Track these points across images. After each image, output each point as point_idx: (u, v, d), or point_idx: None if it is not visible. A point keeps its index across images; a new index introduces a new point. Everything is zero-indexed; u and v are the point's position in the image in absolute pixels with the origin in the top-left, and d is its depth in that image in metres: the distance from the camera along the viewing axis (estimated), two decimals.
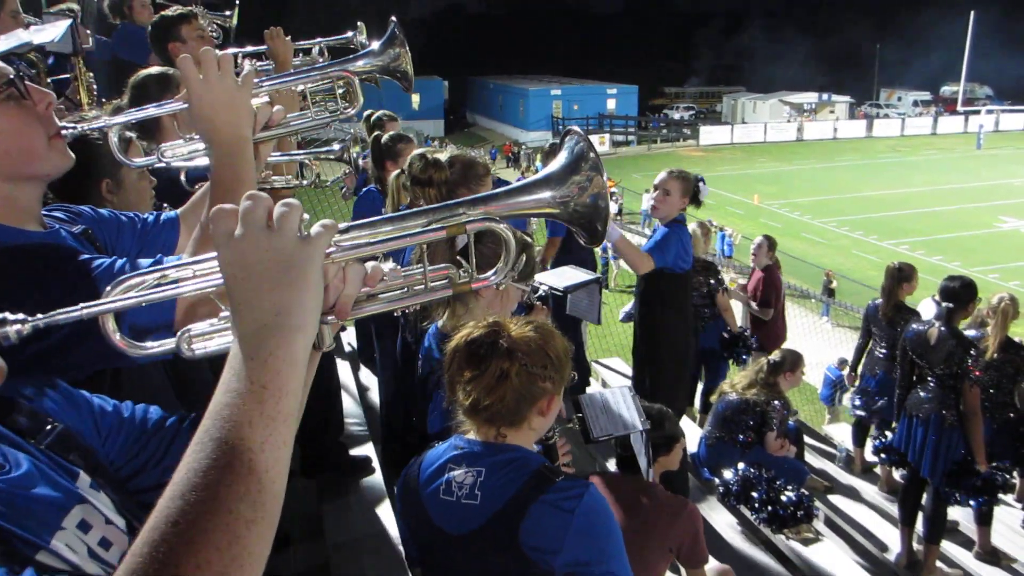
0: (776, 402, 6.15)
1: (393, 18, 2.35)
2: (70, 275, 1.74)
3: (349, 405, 5.74)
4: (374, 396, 6.33)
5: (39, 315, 1.17)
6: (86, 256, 1.81)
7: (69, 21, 3.74)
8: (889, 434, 6.65)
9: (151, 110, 2.07)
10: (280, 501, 0.96)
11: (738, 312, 8.69)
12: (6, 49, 2.78)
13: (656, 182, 5.65)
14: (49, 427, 1.35)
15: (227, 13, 5.23)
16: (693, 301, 6.74)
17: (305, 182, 3.15)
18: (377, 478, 4.77)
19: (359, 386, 6.58)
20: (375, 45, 2.31)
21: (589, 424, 3.24)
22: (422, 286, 1.28)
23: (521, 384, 2.20)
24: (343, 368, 6.35)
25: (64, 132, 1.84)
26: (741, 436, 6.15)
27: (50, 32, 3.53)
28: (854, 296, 18.91)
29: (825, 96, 65.41)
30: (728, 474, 6.06)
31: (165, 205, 3.09)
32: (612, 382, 8.27)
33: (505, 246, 1.28)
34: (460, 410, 2.31)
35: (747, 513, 5.98)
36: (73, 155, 1.89)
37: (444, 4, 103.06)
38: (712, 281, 7.79)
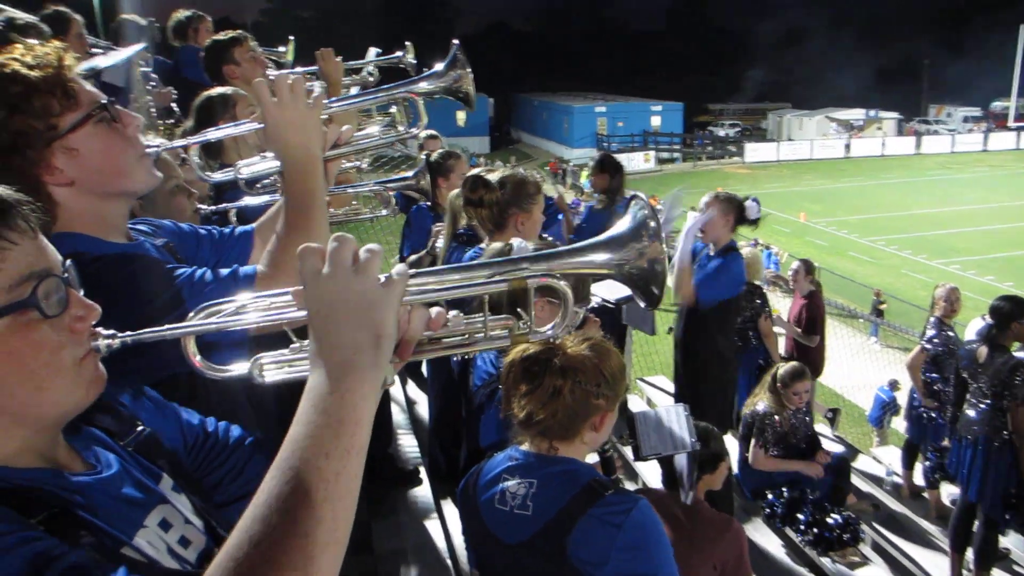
0: (775, 415, 6.15)
1: (455, 41, 2.44)
2: (155, 283, 1.85)
3: (397, 417, 5.82)
4: (421, 409, 6.40)
5: (128, 333, 1.27)
6: (170, 265, 1.94)
7: (130, 53, 3.89)
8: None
9: (229, 129, 2.21)
10: (350, 526, 1.04)
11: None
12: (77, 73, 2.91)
13: (701, 205, 5.66)
14: (138, 430, 1.44)
15: (282, 48, 5.39)
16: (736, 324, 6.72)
17: (385, 211, 3.26)
18: (425, 490, 4.83)
19: (407, 399, 6.66)
20: (439, 66, 2.40)
21: (640, 441, 3.27)
22: (482, 335, 1.36)
23: (574, 401, 2.25)
24: None
25: (149, 151, 1.96)
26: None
27: (113, 58, 3.69)
28: (903, 316, 18.59)
29: (873, 112, 64.41)
30: (771, 495, 6.02)
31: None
32: (657, 400, 8.24)
33: (564, 302, 1.36)
34: (515, 422, 2.37)
35: (792, 535, 5.93)
36: (159, 174, 2.02)
37: (489, 22, 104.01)
38: (757, 302, 7.72)
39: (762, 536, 6.01)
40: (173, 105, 5.31)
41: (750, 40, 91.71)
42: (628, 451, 5.10)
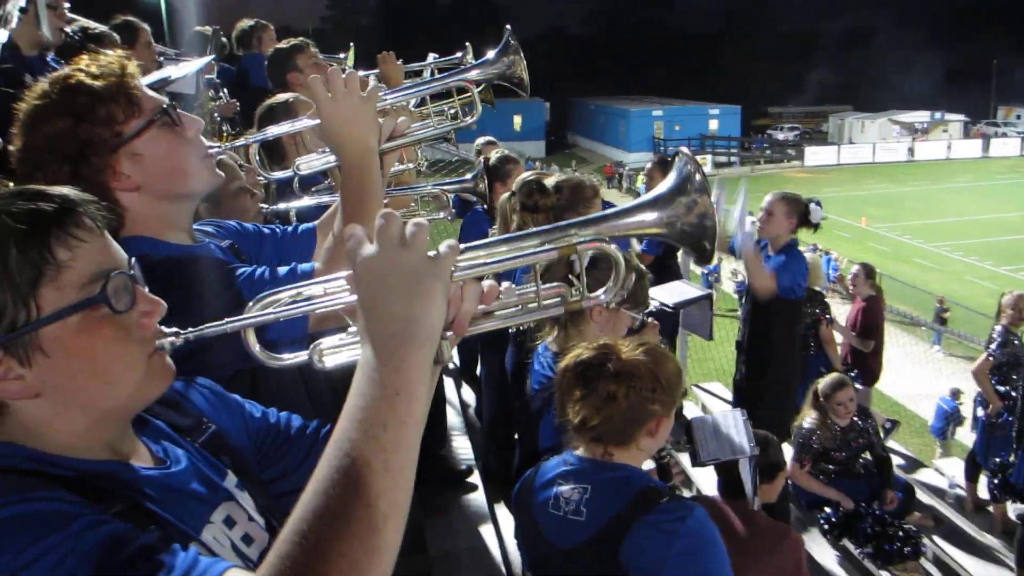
0: (816, 432, 6.08)
1: (508, 26, 2.45)
2: (217, 282, 1.91)
3: (451, 419, 5.85)
4: (475, 413, 6.43)
5: (190, 329, 1.30)
6: (231, 266, 1.99)
7: (200, 64, 4.01)
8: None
9: (285, 127, 2.26)
10: (409, 499, 1.04)
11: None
12: (148, 84, 3.01)
13: (763, 205, 5.59)
14: (204, 426, 1.48)
15: (342, 55, 5.47)
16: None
17: (442, 214, 3.29)
18: (479, 493, 4.85)
19: (461, 402, 6.70)
20: (490, 54, 2.42)
21: (698, 447, 3.24)
22: (535, 304, 1.34)
23: (629, 406, 2.24)
24: (447, 384, 6.48)
25: (211, 152, 2.02)
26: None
27: (184, 69, 3.80)
28: (968, 325, 18.04)
29: (938, 115, 62.74)
30: (829, 507, 5.91)
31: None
32: (712, 407, 8.15)
33: (615, 266, 1.34)
34: (569, 428, 2.36)
35: (851, 547, 5.81)
36: (222, 173, 2.08)
37: (546, 26, 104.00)
38: (817, 310, 7.55)
39: (818, 547, 5.90)
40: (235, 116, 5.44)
41: (812, 42, 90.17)
42: (683, 457, 5.06)
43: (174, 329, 1.29)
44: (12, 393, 1.16)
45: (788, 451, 7.00)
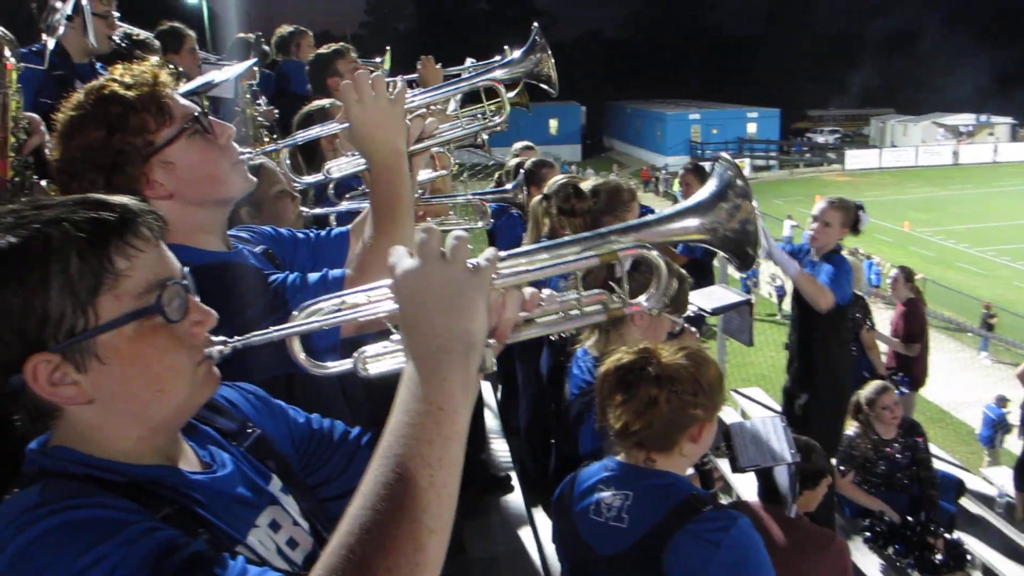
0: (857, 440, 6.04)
1: (535, 24, 2.44)
2: (252, 290, 1.92)
3: (490, 423, 5.85)
4: (512, 416, 6.42)
5: (237, 337, 1.32)
6: (265, 272, 2.01)
7: (241, 69, 4.06)
8: None
9: (315, 131, 2.27)
10: (453, 513, 1.05)
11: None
12: (191, 89, 3.06)
13: (815, 213, 5.52)
14: (249, 431, 1.49)
15: (379, 59, 5.51)
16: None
17: (480, 224, 3.29)
18: (517, 497, 4.84)
19: (499, 405, 6.69)
20: (516, 53, 2.40)
21: (737, 453, 3.20)
22: (577, 311, 1.34)
23: (671, 411, 2.21)
24: (484, 387, 6.49)
25: (242, 158, 2.03)
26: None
27: (226, 73, 3.85)
28: (1016, 331, 17.68)
29: (984, 117, 61.41)
30: (874, 516, 5.82)
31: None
32: (752, 412, 8.06)
33: (657, 272, 1.34)
34: (610, 433, 2.34)
35: (894, 556, 5.70)
36: (254, 179, 2.08)
37: (582, 30, 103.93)
38: (858, 315, 7.42)
39: (862, 556, 5.80)
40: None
41: (854, 43, 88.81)
42: (721, 463, 5.00)
43: (222, 338, 1.31)
44: (67, 398, 1.18)
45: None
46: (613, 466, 2.36)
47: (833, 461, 5.94)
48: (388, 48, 6.29)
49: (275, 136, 5.24)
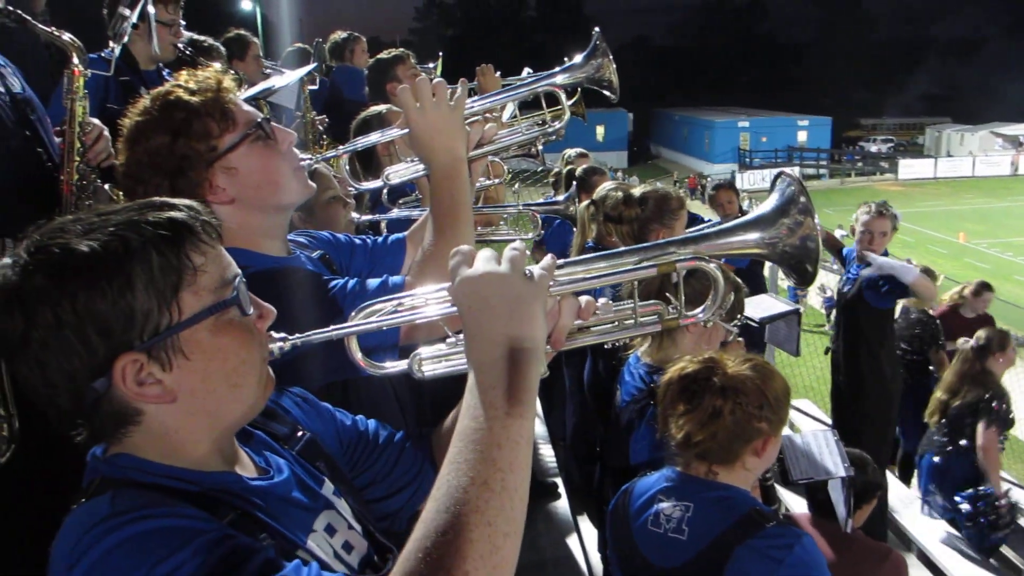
0: (987, 395, 5.83)
1: (596, 29, 2.43)
2: (312, 295, 1.94)
3: (536, 429, 5.84)
4: (555, 422, 6.42)
5: (297, 335, 1.34)
6: (324, 277, 2.02)
7: (302, 74, 4.14)
8: None
9: (374, 137, 2.28)
10: (524, 516, 1.06)
11: None
12: (252, 94, 3.13)
13: (863, 226, 5.47)
14: (299, 435, 1.51)
15: (431, 65, 5.56)
16: (905, 357, 6.42)
17: (531, 235, 3.30)
18: (563, 503, 4.83)
19: (545, 411, 6.69)
20: (578, 58, 2.39)
21: (788, 466, 3.15)
22: (632, 320, 1.36)
23: (735, 423, 2.18)
24: None
25: (303, 164, 2.05)
26: (964, 441, 5.86)
27: (287, 79, 3.93)
28: None
29: None
30: (965, 505, 5.71)
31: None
32: (800, 424, 7.94)
33: (715, 284, 1.34)
34: (672, 443, 2.30)
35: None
36: (314, 185, 2.10)
37: (630, 36, 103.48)
38: (929, 334, 7.24)
39: (916, 570, 5.68)
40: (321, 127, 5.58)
41: (910, 52, 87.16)
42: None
43: (282, 335, 1.33)
44: (151, 398, 1.20)
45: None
46: (673, 477, 2.32)
47: (980, 427, 5.82)
48: (440, 54, 6.35)
49: (327, 141, 5.33)
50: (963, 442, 5.86)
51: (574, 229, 5.41)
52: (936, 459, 6.02)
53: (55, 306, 1.13)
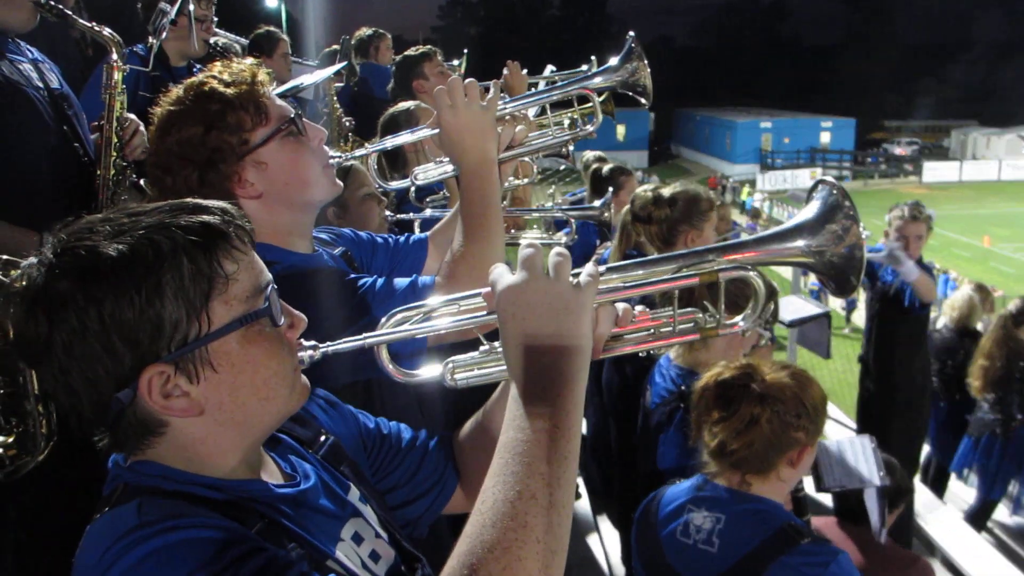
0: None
1: (631, 33, 2.39)
2: (339, 295, 1.92)
3: None
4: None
5: (328, 343, 1.31)
6: (352, 276, 2.00)
7: (331, 71, 4.14)
8: None
9: (405, 136, 2.25)
10: (569, 531, 1.03)
11: None
12: (282, 91, 3.14)
13: (897, 231, 5.44)
14: (323, 439, 1.47)
15: (455, 62, 5.55)
16: (945, 370, 6.39)
17: (565, 239, 3.28)
18: (584, 505, 4.81)
19: None
20: (614, 60, 2.35)
21: (822, 472, 3.08)
22: (669, 328, 1.33)
23: (772, 432, 2.13)
24: None
25: (332, 162, 2.03)
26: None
27: (316, 76, 3.94)
28: None
29: None
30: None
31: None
32: (826, 429, 7.86)
33: (755, 294, 1.31)
34: (705, 451, 2.25)
35: None
36: (341, 183, 2.09)
37: (653, 36, 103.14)
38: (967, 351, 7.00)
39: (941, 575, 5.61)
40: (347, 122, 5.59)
41: (936, 54, 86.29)
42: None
43: (312, 343, 1.30)
44: (177, 411, 1.15)
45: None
46: (704, 486, 2.27)
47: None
48: (465, 51, 6.33)
49: (353, 138, 5.33)
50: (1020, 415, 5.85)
51: (598, 230, 5.38)
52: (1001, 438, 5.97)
53: (80, 312, 1.09)
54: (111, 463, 1.23)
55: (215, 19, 4.09)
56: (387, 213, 3.24)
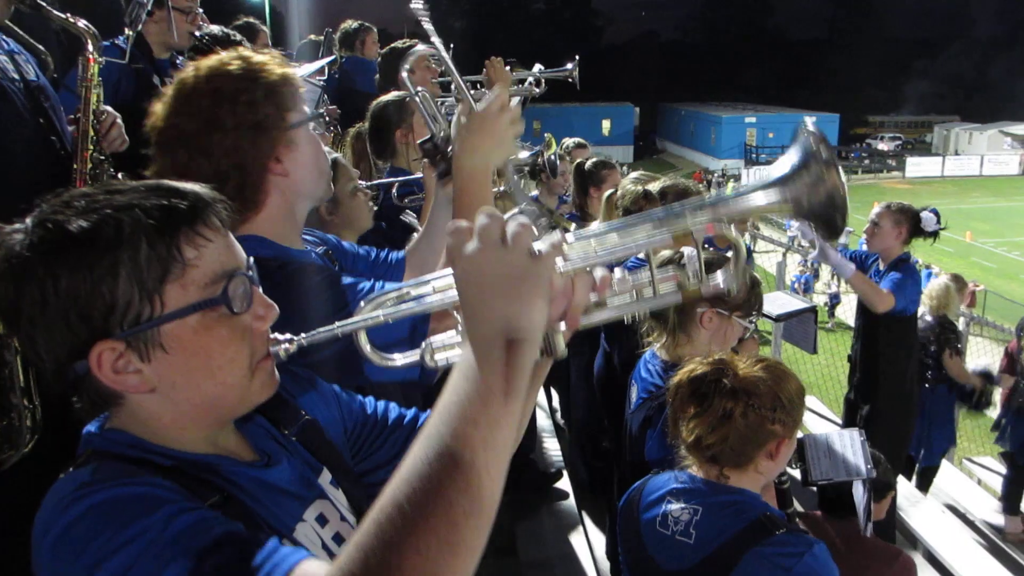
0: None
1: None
2: (325, 291, 1.91)
3: (541, 423, 5.83)
4: (561, 417, 6.41)
5: (303, 335, 1.30)
6: (347, 279, 1.98)
7: (320, 64, 4.12)
8: None
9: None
10: (496, 501, 1.00)
11: None
12: None
13: (871, 215, 5.43)
14: (300, 417, 1.47)
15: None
16: (923, 360, 6.45)
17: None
18: (569, 499, 4.82)
19: (550, 404, 6.68)
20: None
21: (809, 466, 3.09)
22: (651, 292, 1.29)
23: (747, 425, 2.12)
24: None
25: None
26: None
27: (305, 69, 3.91)
28: None
29: None
30: None
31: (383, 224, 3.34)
32: (808, 421, 7.91)
33: (735, 248, 1.28)
34: (683, 446, 2.25)
35: None
36: (332, 187, 2.12)
37: (638, 31, 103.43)
38: (942, 339, 7.12)
39: (923, 571, 5.66)
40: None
41: (918, 49, 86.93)
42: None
43: (287, 336, 1.30)
44: (130, 386, 1.19)
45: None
46: (684, 478, 2.27)
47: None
48: (451, 46, 6.28)
49: (334, 133, 5.31)
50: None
51: (578, 217, 5.33)
52: None
53: (40, 284, 1.14)
54: (84, 431, 1.26)
55: (200, 11, 4.04)
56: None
